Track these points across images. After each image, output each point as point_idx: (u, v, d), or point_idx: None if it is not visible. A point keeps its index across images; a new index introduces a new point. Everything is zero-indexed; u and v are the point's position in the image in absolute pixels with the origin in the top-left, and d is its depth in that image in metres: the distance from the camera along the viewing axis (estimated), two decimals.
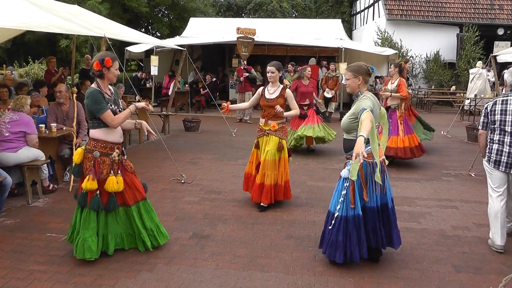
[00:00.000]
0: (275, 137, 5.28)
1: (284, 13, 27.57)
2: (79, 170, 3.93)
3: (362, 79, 3.83)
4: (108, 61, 3.82)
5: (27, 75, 17.80)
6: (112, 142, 3.95)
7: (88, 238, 3.86)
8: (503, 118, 4.26)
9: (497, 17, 19.20)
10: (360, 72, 3.84)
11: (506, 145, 4.24)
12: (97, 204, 3.88)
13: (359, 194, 3.74)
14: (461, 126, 11.81)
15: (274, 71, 5.26)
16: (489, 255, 4.24)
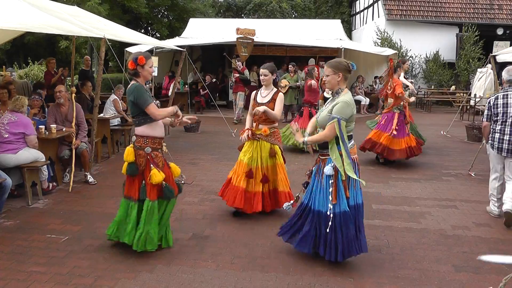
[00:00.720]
0: (267, 143, 5.00)
1: (283, 14, 27.59)
2: (135, 168, 4.02)
3: (342, 76, 3.77)
4: (142, 59, 3.94)
5: (26, 76, 17.78)
6: (160, 137, 4.11)
7: (151, 230, 4.00)
8: (505, 110, 5.00)
9: (496, 17, 19.21)
10: (340, 68, 3.78)
11: (507, 135, 4.98)
12: (171, 192, 4.07)
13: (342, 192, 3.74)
14: (460, 126, 11.81)
15: (267, 74, 4.98)
16: (489, 255, 4.24)
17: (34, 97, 7.04)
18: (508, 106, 4.97)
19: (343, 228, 3.69)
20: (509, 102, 4.98)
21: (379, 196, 6.05)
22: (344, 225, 3.69)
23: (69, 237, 4.49)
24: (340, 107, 3.66)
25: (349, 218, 3.69)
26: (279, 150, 5.11)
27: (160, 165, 4.05)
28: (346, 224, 3.69)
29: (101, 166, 7.51)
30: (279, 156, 5.09)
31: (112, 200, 5.71)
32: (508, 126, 4.97)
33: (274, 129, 5.10)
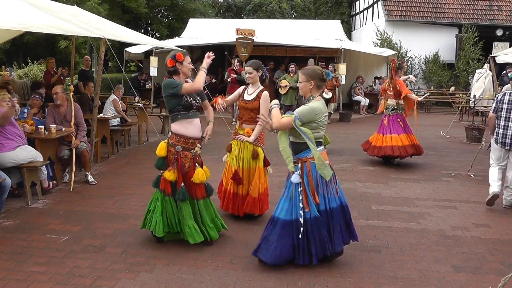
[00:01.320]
0: (250, 144, 4.79)
1: (283, 14, 27.61)
2: (163, 163, 4.17)
3: (314, 84, 3.74)
4: (180, 56, 4.03)
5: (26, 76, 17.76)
6: (193, 137, 4.14)
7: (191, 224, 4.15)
8: (510, 107, 5.46)
9: (496, 18, 19.22)
10: (313, 76, 3.75)
11: (510, 130, 5.46)
12: (184, 195, 4.15)
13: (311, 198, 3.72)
14: (460, 126, 11.82)
15: (252, 71, 4.77)
16: (488, 255, 4.25)
17: (34, 97, 7.03)
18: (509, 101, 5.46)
19: (315, 233, 3.69)
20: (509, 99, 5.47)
21: (378, 197, 6.05)
22: (316, 229, 3.68)
23: (69, 237, 4.49)
24: (303, 109, 3.67)
25: (320, 223, 3.68)
26: (262, 152, 4.91)
27: (186, 166, 4.12)
28: (318, 228, 3.68)
29: (101, 166, 7.51)
30: (260, 159, 4.87)
31: (112, 200, 5.72)
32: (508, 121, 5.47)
33: None
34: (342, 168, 7.65)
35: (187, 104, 4.05)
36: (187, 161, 4.12)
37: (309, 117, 3.63)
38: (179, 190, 4.17)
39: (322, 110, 3.70)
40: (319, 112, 3.67)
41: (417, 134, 9.79)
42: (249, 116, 4.83)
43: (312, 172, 3.72)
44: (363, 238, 4.61)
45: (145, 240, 4.45)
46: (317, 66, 3.89)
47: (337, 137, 10.65)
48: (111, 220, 5.01)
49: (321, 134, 3.75)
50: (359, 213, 5.38)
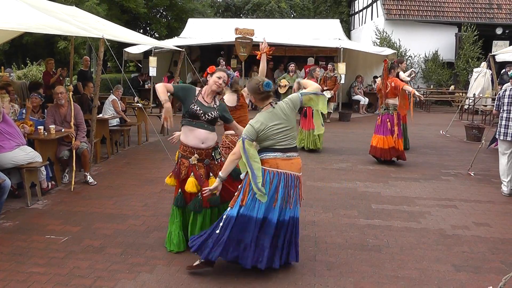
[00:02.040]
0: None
1: (282, 14, 27.59)
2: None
3: (254, 98, 3.72)
4: (212, 68, 4.08)
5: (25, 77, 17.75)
6: (191, 146, 4.06)
7: (173, 231, 4.17)
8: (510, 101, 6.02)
9: (495, 16, 19.22)
10: (251, 91, 3.70)
11: (509, 121, 5.99)
12: (179, 202, 4.13)
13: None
14: (460, 125, 11.82)
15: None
16: (488, 254, 4.24)
17: (34, 95, 7.02)
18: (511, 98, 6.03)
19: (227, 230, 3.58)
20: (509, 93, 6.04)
21: (378, 196, 6.05)
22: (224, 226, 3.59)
23: (69, 238, 4.48)
24: (246, 128, 3.61)
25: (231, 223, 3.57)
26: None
27: (183, 173, 4.07)
28: (226, 226, 3.58)
29: (100, 167, 7.50)
30: None
31: (112, 200, 5.71)
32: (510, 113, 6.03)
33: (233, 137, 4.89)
34: (342, 168, 7.65)
35: (192, 113, 4.01)
36: (183, 168, 4.09)
37: (253, 134, 3.55)
38: (176, 196, 4.19)
39: (266, 123, 3.55)
40: (260, 125, 3.54)
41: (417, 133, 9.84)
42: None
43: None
44: (363, 237, 4.61)
45: (145, 241, 4.44)
46: (256, 79, 3.69)
47: (337, 137, 10.66)
48: (111, 220, 5.00)
49: (271, 143, 3.59)
50: (359, 212, 5.38)
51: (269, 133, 3.57)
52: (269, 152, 3.61)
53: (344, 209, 5.50)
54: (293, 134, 3.68)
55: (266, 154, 3.62)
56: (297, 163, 3.71)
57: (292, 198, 3.65)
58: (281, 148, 3.61)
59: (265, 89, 3.60)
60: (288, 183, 3.62)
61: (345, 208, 5.54)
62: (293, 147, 3.69)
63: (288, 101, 3.68)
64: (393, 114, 7.77)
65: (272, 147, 3.60)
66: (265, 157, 3.61)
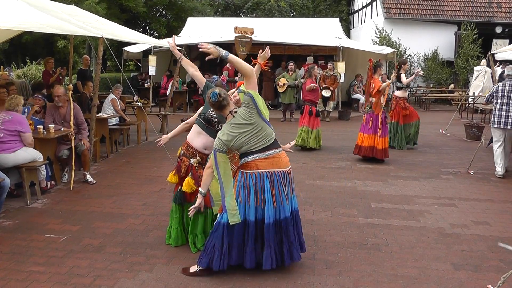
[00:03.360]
0: None
1: (282, 12, 27.55)
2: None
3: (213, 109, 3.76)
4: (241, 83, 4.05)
5: (24, 76, 17.73)
6: (195, 148, 4.08)
7: (172, 226, 4.27)
8: (505, 95, 6.85)
9: (495, 15, 19.21)
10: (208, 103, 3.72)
11: (503, 111, 6.84)
12: (178, 199, 4.20)
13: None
14: (459, 124, 11.83)
15: None
16: (487, 253, 4.25)
17: (37, 96, 7.05)
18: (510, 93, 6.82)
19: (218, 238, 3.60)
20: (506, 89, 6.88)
21: (378, 195, 6.05)
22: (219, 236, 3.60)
23: (68, 237, 4.48)
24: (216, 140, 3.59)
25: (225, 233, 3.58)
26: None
27: (182, 171, 4.10)
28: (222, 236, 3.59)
29: (100, 166, 7.50)
30: None
31: (111, 199, 5.71)
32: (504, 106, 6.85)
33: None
34: (341, 166, 7.65)
35: (208, 118, 4.00)
36: (183, 166, 4.11)
37: (222, 146, 3.53)
38: (176, 193, 4.24)
39: (232, 133, 3.52)
40: (228, 137, 3.52)
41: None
42: None
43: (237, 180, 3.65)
44: (363, 236, 4.62)
45: (144, 240, 4.45)
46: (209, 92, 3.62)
47: (336, 135, 10.66)
48: (110, 219, 5.01)
49: (246, 148, 3.57)
50: (358, 211, 5.38)
51: (239, 142, 3.54)
52: (248, 156, 3.60)
53: (344, 207, 5.50)
54: (265, 133, 3.60)
55: (246, 158, 3.62)
56: (279, 159, 3.66)
57: (283, 194, 3.64)
58: (258, 149, 3.59)
59: (212, 100, 3.54)
60: (273, 181, 3.59)
61: (344, 206, 5.54)
62: (270, 144, 3.64)
63: (244, 106, 3.60)
64: (377, 114, 7.85)
65: (250, 151, 3.59)
66: (245, 161, 3.62)
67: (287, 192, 3.67)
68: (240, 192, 3.60)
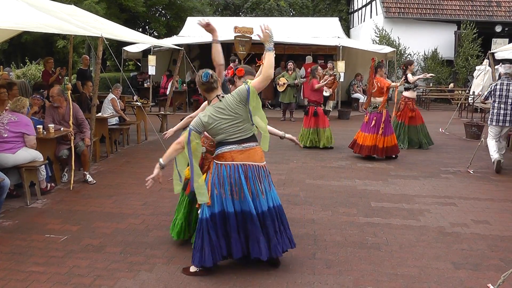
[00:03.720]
0: None
1: (281, 12, 27.56)
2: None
3: (201, 90, 3.70)
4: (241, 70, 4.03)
5: (24, 76, 17.73)
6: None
7: (178, 219, 4.21)
8: (502, 93, 7.13)
9: (495, 14, 19.21)
10: (197, 83, 3.70)
11: (501, 109, 7.14)
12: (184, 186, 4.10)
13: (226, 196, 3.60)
14: (459, 123, 11.83)
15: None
16: (488, 252, 4.25)
17: (36, 96, 7.04)
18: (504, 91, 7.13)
19: (204, 234, 3.59)
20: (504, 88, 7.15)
21: (378, 194, 6.05)
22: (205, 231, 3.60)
23: (68, 237, 4.48)
24: (194, 120, 3.58)
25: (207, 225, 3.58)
26: None
27: (205, 168, 4.05)
28: (205, 230, 3.59)
29: (100, 166, 7.50)
30: None
31: (111, 199, 5.71)
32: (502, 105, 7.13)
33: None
34: (341, 166, 7.65)
35: None
36: (206, 163, 4.09)
37: (200, 126, 3.53)
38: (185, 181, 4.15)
39: (213, 117, 3.52)
40: (208, 119, 3.52)
41: None
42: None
43: (212, 171, 3.66)
44: (363, 235, 4.62)
45: (144, 239, 4.45)
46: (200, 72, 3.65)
47: (336, 135, 10.63)
48: (110, 219, 5.00)
49: (223, 136, 3.57)
50: (358, 210, 5.38)
51: (218, 128, 3.54)
52: (224, 146, 3.59)
53: (344, 207, 5.50)
54: (246, 126, 3.60)
55: (222, 148, 3.60)
56: (255, 153, 3.66)
57: (259, 188, 3.63)
58: (235, 141, 3.58)
59: (203, 79, 3.54)
60: (247, 174, 3.59)
61: (344, 206, 5.54)
62: (248, 138, 3.63)
63: (234, 94, 3.59)
64: (381, 112, 7.91)
65: (226, 141, 3.58)
66: (221, 151, 3.61)
67: (262, 187, 3.65)
68: (215, 183, 3.60)
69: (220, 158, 3.62)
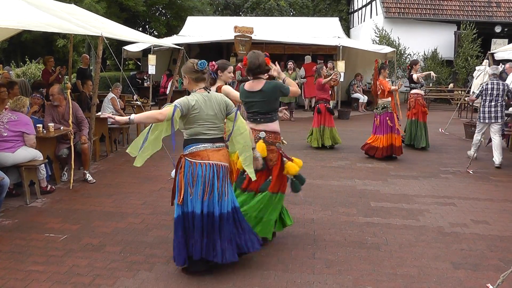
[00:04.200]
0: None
1: (281, 12, 27.55)
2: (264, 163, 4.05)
3: (188, 78, 3.69)
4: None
5: (24, 75, 17.73)
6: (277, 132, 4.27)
7: (273, 219, 4.11)
8: (489, 92, 7.66)
9: (494, 14, 19.21)
10: (186, 71, 3.67)
11: (486, 107, 7.69)
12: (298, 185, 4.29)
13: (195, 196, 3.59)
14: (459, 123, 11.84)
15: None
16: (487, 252, 4.25)
17: (35, 95, 7.04)
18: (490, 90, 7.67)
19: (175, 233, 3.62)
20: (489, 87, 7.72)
21: (377, 194, 6.06)
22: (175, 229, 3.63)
23: (68, 236, 4.48)
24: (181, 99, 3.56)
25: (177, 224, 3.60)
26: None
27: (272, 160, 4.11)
28: (176, 229, 3.61)
29: (99, 165, 7.50)
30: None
31: (111, 198, 5.71)
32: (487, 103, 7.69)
33: None
34: (340, 166, 7.66)
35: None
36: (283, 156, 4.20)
37: (186, 107, 3.50)
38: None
39: (200, 104, 3.54)
40: (195, 104, 3.53)
41: None
42: None
43: (184, 170, 3.63)
44: (362, 235, 4.62)
45: (144, 239, 4.45)
46: (191, 60, 3.73)
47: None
48: (110, 218, 5.00)
49: (198, 130, 3.59)
50: (358, 210, 5.38)
51: (199, 117, 3.54)
52: (199, 144, 3.59)
53: (343, 207, 5.51)
54: (220, 126, 3.67)
55: (197, 146, 3.60)
56: (225, 153, 3.72)
57: (225, 190, 3.65)
58: (209, 138, 3.60)
59: (199, 67, 3.59)
60: (219, 174, 3.61)
61: (344, 206, 5.54)
62: (220, 137, 3.69)
63: (224, 101, 3.67)
64: (392, 112, 7.94)
65: (200, 137, 3.58)
66: (196, 149, 3.59)
67: (227, 188, 3.68)
68: (189, 182, 3.58)
69: (196, 157, 3.59)
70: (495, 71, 8.01)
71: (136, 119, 3.51)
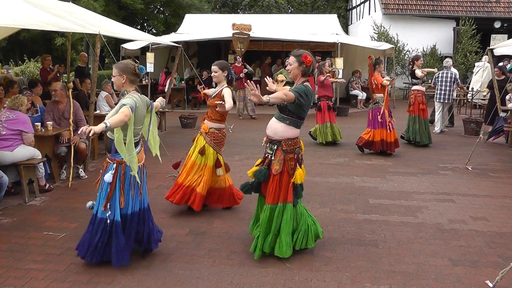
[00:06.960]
0: (203, 140, 5.02)
1: (279, 9, 27.52)
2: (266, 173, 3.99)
3: (126, 79, 3.72)
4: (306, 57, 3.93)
5: (22, 73, 17.69)
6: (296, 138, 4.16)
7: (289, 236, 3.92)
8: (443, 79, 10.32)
9: (493, 10, 19.19)
10: (125, 71, 3.72)
11: (441, 91, 10.39)
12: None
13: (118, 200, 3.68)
14: (458, 119, 11.83)
15: (217, 71, 4.95)
16: (485, 249, 4.25)
17: (27, 93, 7.04)
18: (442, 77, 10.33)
19: (113, 236, 3.66)
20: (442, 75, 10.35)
21: (376, 191, 6.06)
22: (115, 234, 3.66)
23: (66, 234, 4.49)
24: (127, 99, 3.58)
25: (119, 228, 3.67)
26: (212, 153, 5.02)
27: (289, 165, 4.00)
28: (117, 233, 3.66)
29: (98, 163, 7.49)
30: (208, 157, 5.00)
31: None
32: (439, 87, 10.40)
33: (215, 130, 5.07)
34: (339, 163, 7.66)
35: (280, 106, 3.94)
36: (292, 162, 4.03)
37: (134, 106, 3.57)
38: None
39: (137, 104, 3.64)
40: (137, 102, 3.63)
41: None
42: (211, 112, 5.08)
43: (125, 176, 3.69)
44: (361, 232, 4.62)
45: None
46: (131, 62, 3.81)
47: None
48: None
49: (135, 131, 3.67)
50: (356, 207, 5.38)
51: (138, 117, 3.69)
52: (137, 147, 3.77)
53: (341, 204, 5.51)
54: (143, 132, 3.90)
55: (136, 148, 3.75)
56: (143, 154, 3.92)
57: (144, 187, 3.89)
58: (136, 142, 3.75)
59: (139, 71, 3.80)
60: (142, 175, 3.85)
61: (342, 203, 5.55)
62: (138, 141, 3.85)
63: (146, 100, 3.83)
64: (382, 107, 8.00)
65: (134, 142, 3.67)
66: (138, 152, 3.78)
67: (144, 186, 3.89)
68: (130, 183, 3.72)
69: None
70: (446, 64, 10.54)
71: (112, 125, 3.45)
